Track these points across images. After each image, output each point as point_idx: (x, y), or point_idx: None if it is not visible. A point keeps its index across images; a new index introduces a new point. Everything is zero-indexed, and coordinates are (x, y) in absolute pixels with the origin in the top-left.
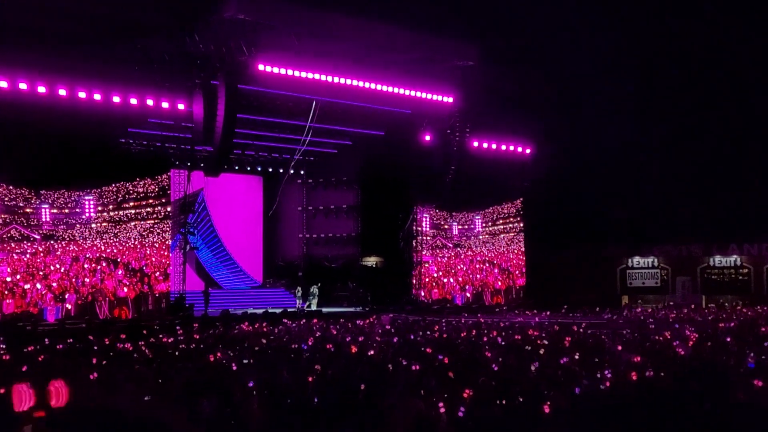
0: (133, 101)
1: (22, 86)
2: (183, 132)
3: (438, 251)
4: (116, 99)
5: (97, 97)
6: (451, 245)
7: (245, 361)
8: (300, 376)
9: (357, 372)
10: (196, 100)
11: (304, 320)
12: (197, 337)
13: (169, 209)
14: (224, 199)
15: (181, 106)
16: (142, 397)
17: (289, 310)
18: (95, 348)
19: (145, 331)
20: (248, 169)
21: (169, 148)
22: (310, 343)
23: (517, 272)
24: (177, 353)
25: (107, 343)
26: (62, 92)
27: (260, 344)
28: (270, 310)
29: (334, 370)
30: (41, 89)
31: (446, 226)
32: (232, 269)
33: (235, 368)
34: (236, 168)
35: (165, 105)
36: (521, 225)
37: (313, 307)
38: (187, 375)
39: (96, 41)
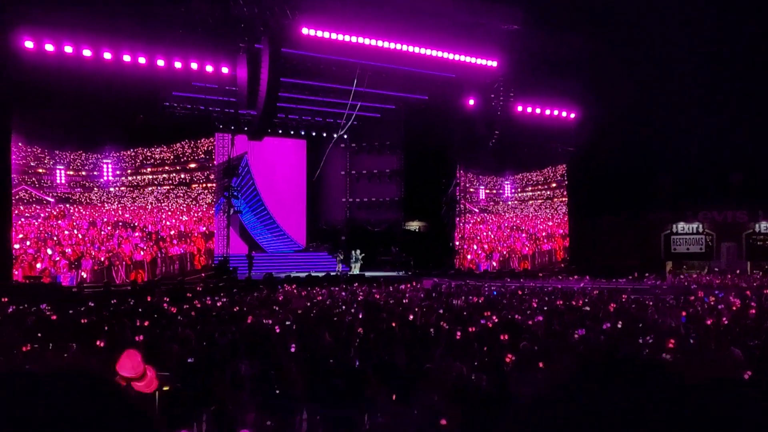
0: (178, 65)
1: (68, 49)
2: (227, 96)
3: (462, 217)
4: (161, 63)
5: (141, 60)
6: (477, 210)
7: (288, 324)
8: (342, 339)
9: (399, 336)
10: (240, 63)
11: (346, 284)
12: (240, 300)
13: (184, 176)
14: (268, 162)
15: (225, 70)
16: (186, 359)
17: (331, 273)
18: (139, 310)
19: (189, 294)
20: (292, 133)
21: (213, 112)
22: (352, 308)
23: (545, 239)
24: (220, 316)
25: (151, 305)
26: (107, 56)
27: (303, 307)
28: (313, 274)
29: (375, 333)
30: (87, 53)
31: (472, 191)
32: (276, 233)
33: (278, 331)
34: (280, 132)
35: (209, 69)
36: (554, 191)
37: (356, 272)
38: (230, 337)
39: (141, 5)
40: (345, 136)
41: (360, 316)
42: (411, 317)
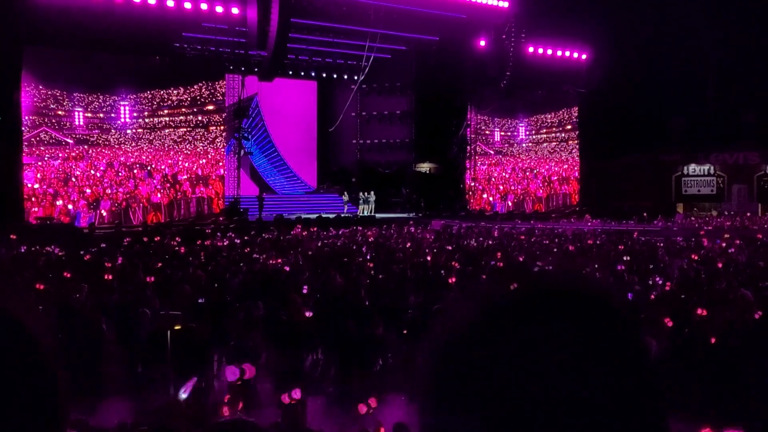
0: (187, 5)
1: None
2: (237, 37)
3: (473, 158)
4: (170, 3)
5: (151, 1)
6: (492, 152)
7: (299, 265)
8: (353, 280)
9: (408, 277)
10: (249, 4)
11: (356, 225)
12: (251, 240)
13: (201, 118)
14: (278, 104)
15: (235, 11)
16: (197, 299)
17: (342, 215)
18: (150, 251)
19: (198, 240)
20: (302, 74)
21: (223, 53)
22: (363, 249)
23: (557, 182)
24: (231, 257)
25: (163, 246)
26: None
27: (314, 249)
28: (323, 216)
29: (386, 274)
30: None
31: (488, 132)
32: (286, 174)
33: (288, 270)
34: (290, 73)
35: (219, 9)
36: (569, 134)
37: (367, 213)
38: (242, 278)
39: None
40: (356, 77)
41: (370, 258)
42: (421, 259)
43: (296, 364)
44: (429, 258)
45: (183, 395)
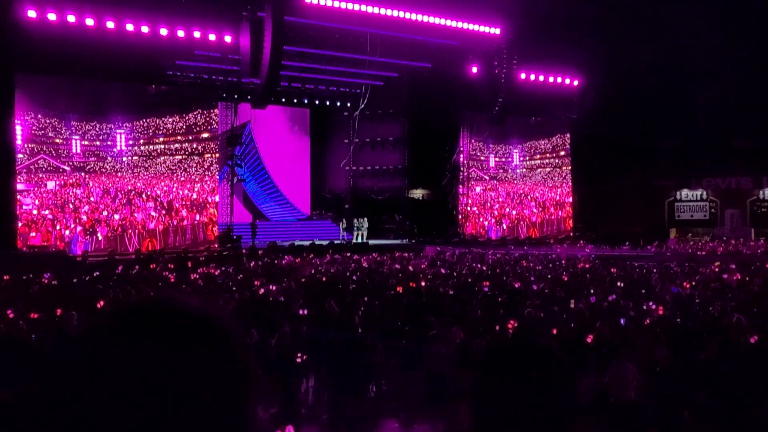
0: (181, 33)
1: (71, 18)
2: (230, 64)
3: (466, 184)
4: (164, 31)
5: (144, 29)
6: (487, 178)
7: (292, 292)
8: (346, 307)
9: (403, 303)
10: (243, 32)
11: (350, 252)
12: (244, 267)
13: (196, 146)
14: (271, 131)
15: (228, 39)
16: None
17: (335, 242)
18: (143, 277)
19: (189, 263)
20: (295, 101)
21: (216, 81)
22: (356, 275)
23: (552, 206)
24: (224, 284)
25: (156, 272)
26: (110, 24)
27: (307, 275)
28: (317, 242)
29: (380, 301)
30: (89, 21)
31: (482, 158)
32: (279, 201)
33: (282, 299)
34: (283, 100)
35: (212, 37)
36: (563, 159)
37: (360, 240)
38: (235, 305)
39: None
40: (348, 104)
41: (365, 284)
42: (414, 285)
43: (289, 391)
44: (423, 284)
45: None
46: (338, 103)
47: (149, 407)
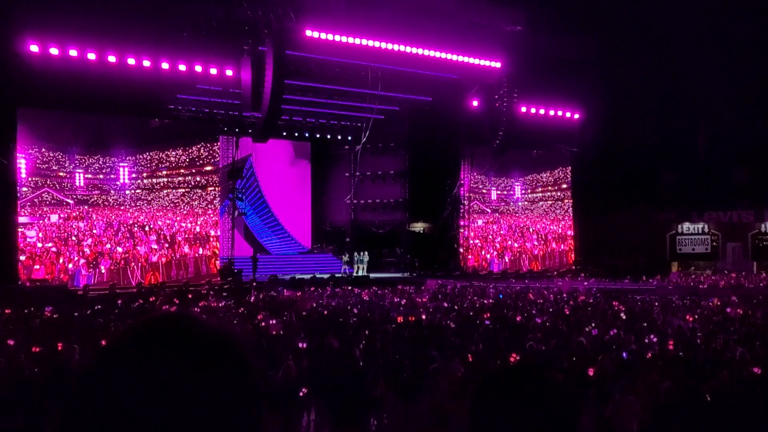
0: (182, 67)
1: (72, 53)
2: (231, 98)
3: (467, 217)
4: (165, 65)
5: (146, 63)
6: (489, 211)
7: (293, 326)
8: (347, 341)
9: (404, 336)
10: (244, 66)
11: (351, 285)
12: (245, 301)
13: (198, 179)
14: (272, 164)
15: (229, 73)
16: None
17: (336, 275)
18: (145, 312)
19: (189, 296)
20: (296, 134)
21: (218, 115)
22: (357, 309)
23: (554, 240)
24: (225, 318)
25: (156, 306)
26: (112, 59)
27: (308, 309)
28: (318, 276)
29: (381, 334)
30: (91, 56)
31: (484, 191)
32: (280, 235)
33: (282, 333)
34: (284, 134)
35: (213, 71)
36: (564, 192)
37: (361, 273)
38: None
39: (145, 8)
40: (349, 138)
41: (366, 317)
42: (414, 318)
43: (291, 424)
44: (424, 317)
45: None
46: (339, 137)
47: (163, 426)
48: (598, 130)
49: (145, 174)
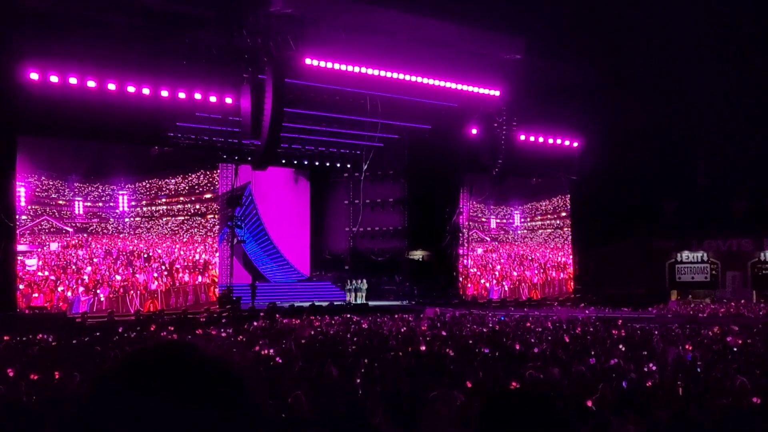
0: (182, 95)
1: (72, 80)
2: (230, 126)
3: (466, 245)
4: (164, 93)
5: (145, 91)
6: (488, 239)
7: (292, 354)
8: (346, 369)
9: (403, 365)
10: (243, 94)
11: (350, 314)
12: (244, 329)
13: (198, 206)
14: (271, 192)
15: (228, 100)
16: None
17: (335, 303)
18: (143, 339)
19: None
20: (295, 162)
21: (217, 142)
22: (356, 337)
23: (553, 268)
24: (224, 346)
25: (154, 334)
26: (111, 86)
27: (307, 337)
28: (317, 304)
29: (380, 363)
30: (91, 83)
31: (483, 219)
32: (279, 262)
33: (280, 361)
34: (283, 162)
35: (213, 99)
36: (563, 220)
37: (359, 301)
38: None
39: (145, 35)
40: (348, 166)
41: (365, 345)
42: (412, 348)
43: None
44: (423, 346)
45: None
46: (338, 164)
47: None
48: (598, 158)
49: (144, 202)
